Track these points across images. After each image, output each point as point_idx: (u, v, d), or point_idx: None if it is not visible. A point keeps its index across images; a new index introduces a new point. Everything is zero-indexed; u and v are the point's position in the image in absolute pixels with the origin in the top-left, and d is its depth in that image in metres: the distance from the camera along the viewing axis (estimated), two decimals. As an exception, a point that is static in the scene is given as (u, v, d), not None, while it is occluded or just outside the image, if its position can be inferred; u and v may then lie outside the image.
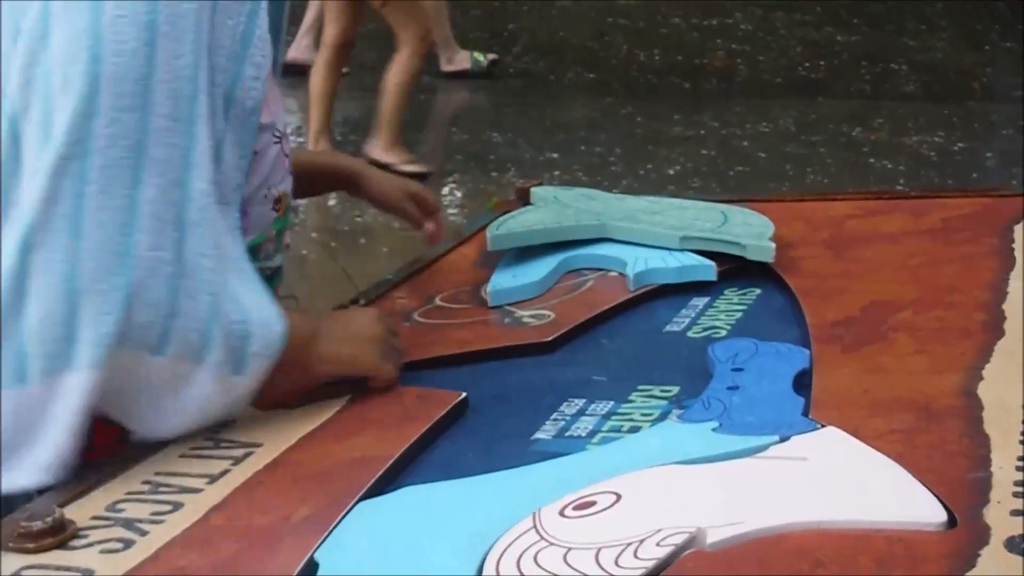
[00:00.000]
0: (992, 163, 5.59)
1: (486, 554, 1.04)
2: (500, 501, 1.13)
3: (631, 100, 6.36)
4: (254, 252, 1.42)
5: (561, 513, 1.08)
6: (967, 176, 5.44)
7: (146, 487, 1.25)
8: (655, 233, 1.72)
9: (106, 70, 1.19)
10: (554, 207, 1.87)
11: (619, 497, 1.10)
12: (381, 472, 1.21)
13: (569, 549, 1.03)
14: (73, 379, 1.20)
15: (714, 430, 1.21)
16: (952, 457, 1.13)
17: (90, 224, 1.19)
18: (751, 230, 1.70)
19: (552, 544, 1.04)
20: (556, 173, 5.30)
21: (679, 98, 6.36)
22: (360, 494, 1.17)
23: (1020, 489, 1.06)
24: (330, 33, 5.24)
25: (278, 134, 1.40)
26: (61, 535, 1.13)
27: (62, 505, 1.18)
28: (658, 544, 1.02)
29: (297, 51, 6.16)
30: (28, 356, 1.20)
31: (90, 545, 1.12)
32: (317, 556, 1.08)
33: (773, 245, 1.65)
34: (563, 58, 7.08)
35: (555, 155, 5.59)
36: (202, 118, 1.24)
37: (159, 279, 1.22)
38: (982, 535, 0.99)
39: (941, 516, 1.02)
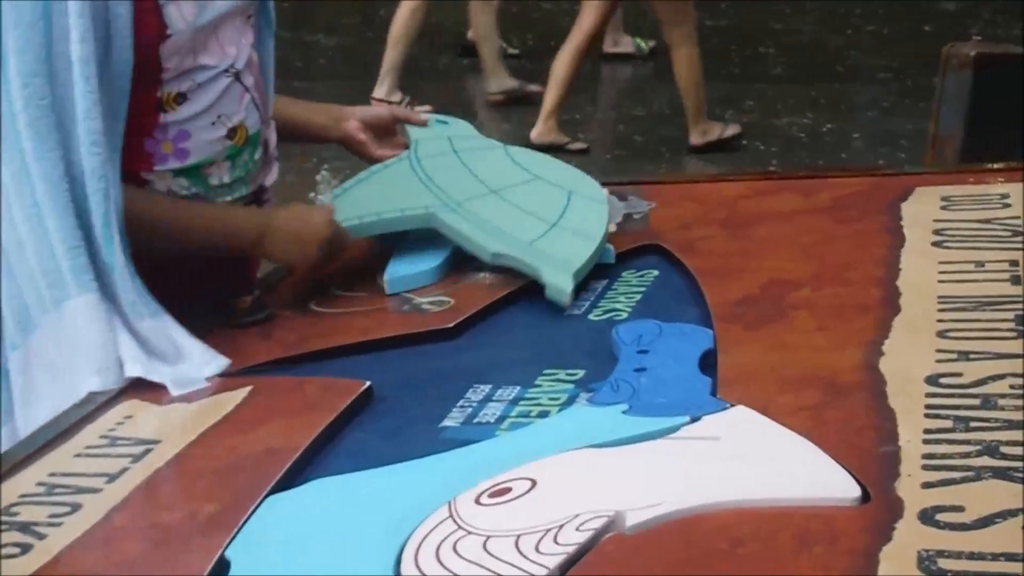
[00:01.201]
0: (859, 143, 5.70)
1: (403, 545, 1.02)
2: (413, 491, 1.11)
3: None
4: (198, 173, 1.59)
5: (477, 501, 1.07)
6: (836, 156, 5.54)
7: (41, 488, 1.21)
8: (473, 243, 1.63)
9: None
10: (398, 179, 1.75)
11: (535, 483, 1.09)
12: (289, 465, 1.19)
13: (488, 537, 1.02)
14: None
15: (625, 412, 1.21)
16: (861, 432, 1.14)
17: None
18: (570, 248, 1.60)
19: (470, 533, 1.02)
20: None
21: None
22: (269, 488, 1.15)
23: (929, 462, 1.08)
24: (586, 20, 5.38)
25: (232, 71, 1.59)
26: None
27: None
28: (577, 529, 1.01)
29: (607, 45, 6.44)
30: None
31: (-14, 551, 1.08)
32: (228, 554, 1.05)
33: (569, 289, 1.54)
34: (435, 42, 7.07)
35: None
36: (79, 82, 1.42)
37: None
38: (896, 508, 1.01)
39: (855, 491, 1.03)
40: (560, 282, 1.54)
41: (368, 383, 1.35)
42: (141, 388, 1.41)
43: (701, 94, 5.43)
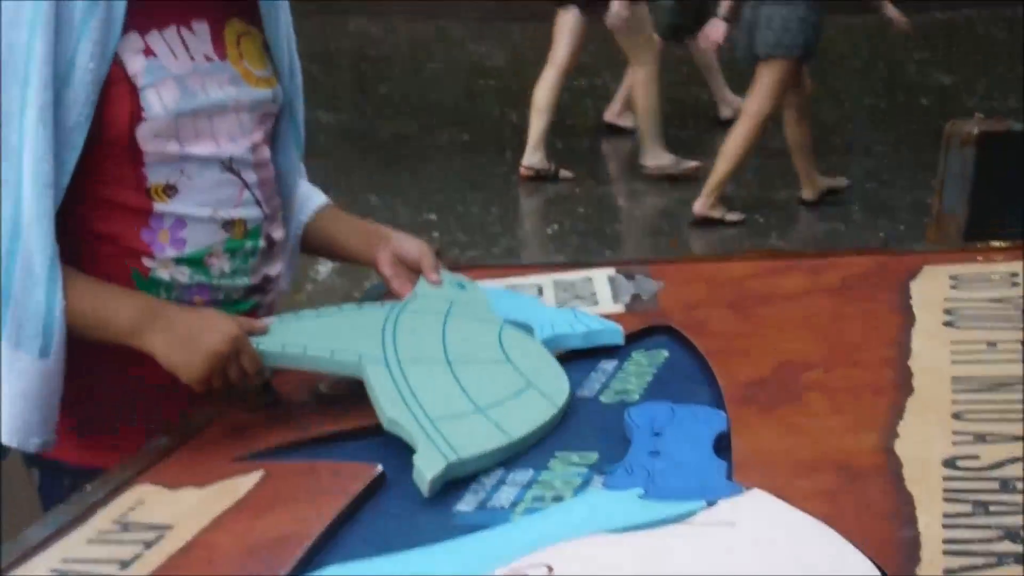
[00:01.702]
0: (858, 215, 5.73)
1: (422, 635, 1.01)
2: (429, 579, 1.10)
3: (504, 159, 6.40)
4: (199, 262, 1.59)
5: (495, 588, 1.06)
6: (836, 228, 5.57)
7: (54, 574, 1.20)
8: (378, 403, 1.44)
9: None
10: (361, 322, 1.61)
11: (551, 569, 1.08)
12: (303, 551, 1.18)
13: (508, 625, 1.00)
14: None
15: (640, 497, 1.20)
16: (879, 516, 1.14)
17: None
18: (471, 436, 1.37)
19: (490, 621, 1.01)
20: (436, 235, 5.29)
21: (555, 158, 6.42)
22: (283, 576, 1.14)
23: (950, 547, 1.07)
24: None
25: (225, 164, 1.58)
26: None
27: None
28: (597, 616, 1.00)
29: (610, 115, 6.68)
30: None
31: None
32: (244, 643, 1.04)
33: (430, 476, 1.28)
34: (436, 119, 7.11)
35: (433, 216, 5.58)
36: (30, 128, 1.44)
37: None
38: (917, 595, 1.00)
39: (876, 577, 1.03)
40: (425, 466, 1.31)
41: (380, 467, 1.35)
42: (153, 471, 1.40)
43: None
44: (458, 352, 1.55)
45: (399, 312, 1.63)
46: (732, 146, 5.32)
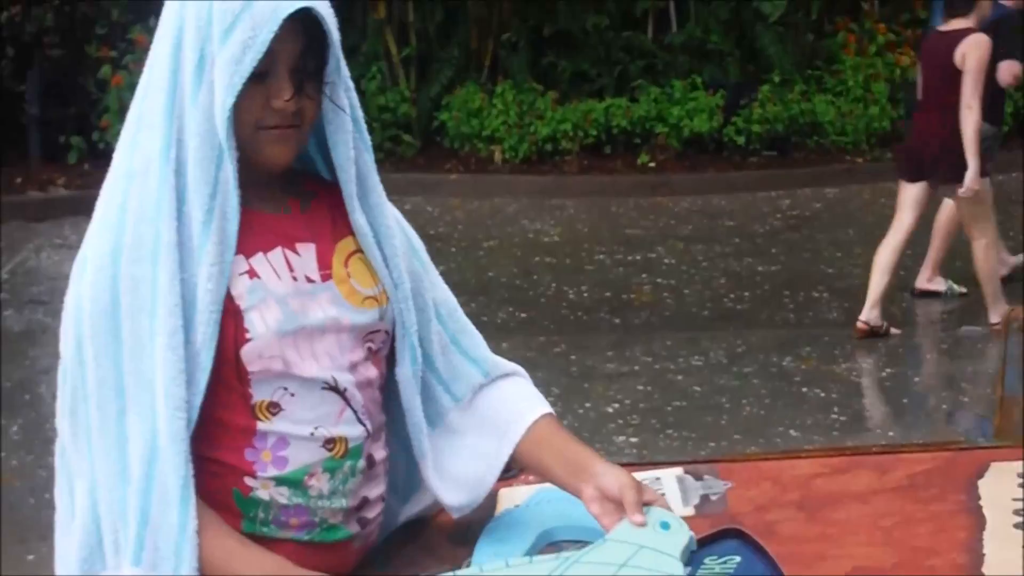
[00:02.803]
0: (919, 388, 5.73)
1: None
2: None
3: (563, 337, 6.45)
4: (299, 483, 1.63)
5: None
6: (898, 401, 5.56)
7: None
8: None
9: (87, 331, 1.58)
10: None
11: None
12: None
13: None
14: None
15: None
16: None
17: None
18: None
19: None
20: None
21: (610, 334, 6.48)
22: None
23: None
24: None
25: (328, 385, 1.63)
26: None
27: None
28: None
29: (921, 281, 6.93)
30: None
31: None
32: None
33: None
34: (493, 297, 7.21)
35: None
36: (161, 354, 1.53)
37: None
38: None
39: None
40: None
41: None
42: None
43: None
44: None
45: (570, 564, 1.56)
46: None
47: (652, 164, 9.83)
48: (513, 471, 1.83)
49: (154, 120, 1.59)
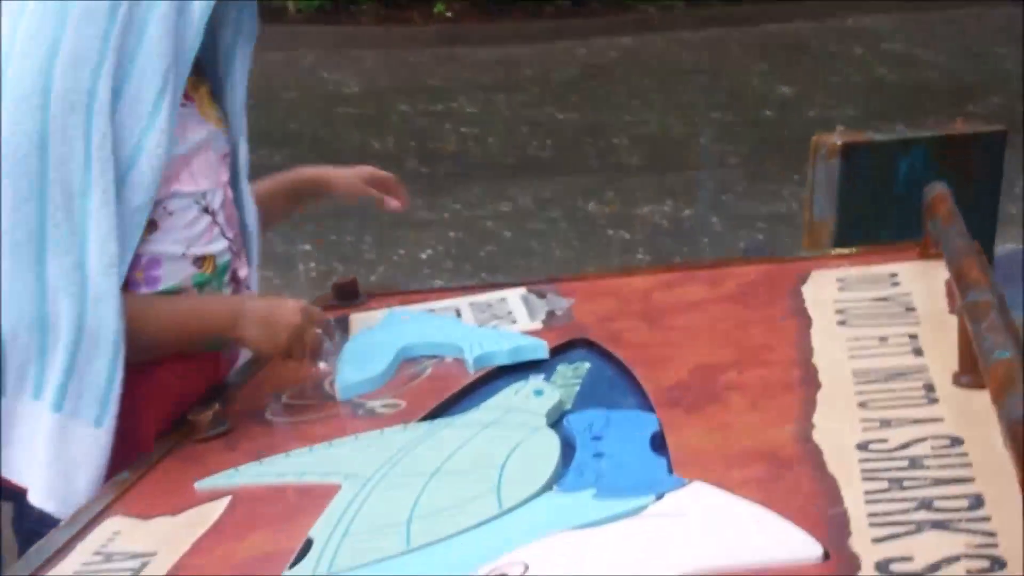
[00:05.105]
0: (719, 227, 5.97)
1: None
2: (414, 580, 1.20)
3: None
4: None
5: (480, 587, 1.16)
6: (699, 241, 5.79)
7: (49, 607, 1.26)
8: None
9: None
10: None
11: (527, 567, 1.19)
12: (289, 564, 1.26)
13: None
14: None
15: (594, 496, 1.32)
16: (809, 498, 1.27)
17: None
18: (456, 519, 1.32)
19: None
20: (312, 265, 5.35)
21: (418, 182, 6.53)
22: (276, 589, 1.22)
23: (874, 519, 1.21)
24: None
25: (204, 203, 1.69)
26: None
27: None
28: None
29: None
30: None
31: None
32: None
33: None
34: (298, 148, 7.15)
35: (307, 247, 5.64)
36: (95, 210, 1.54)
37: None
38: (854, 563, 1.14)
39: (818, 551, 1.16)
40: None
41: (341, 484, 1.44)
42: (121, 504, 1.47)
43: None
44: (454, 465, 1.47)
45: (440, 428, 1.59)
46: None
47: (449, 14, 9.81)
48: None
49: None
